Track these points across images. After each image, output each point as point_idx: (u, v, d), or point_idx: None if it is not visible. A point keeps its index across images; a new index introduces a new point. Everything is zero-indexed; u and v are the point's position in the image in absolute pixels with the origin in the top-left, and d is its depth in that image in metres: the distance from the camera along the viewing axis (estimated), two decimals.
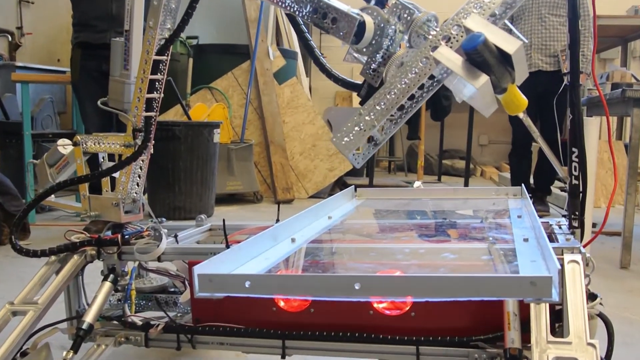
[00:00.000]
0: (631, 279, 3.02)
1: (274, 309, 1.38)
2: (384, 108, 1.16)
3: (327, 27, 1.21)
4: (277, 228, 1.41)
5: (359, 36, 1.19)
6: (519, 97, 1.16)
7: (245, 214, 4.99)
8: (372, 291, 0.95)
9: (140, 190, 1.73)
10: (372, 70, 1.25)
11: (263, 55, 6.05)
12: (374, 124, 1.15)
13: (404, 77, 1.14)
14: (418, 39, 1.19)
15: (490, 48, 1.08)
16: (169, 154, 4.55)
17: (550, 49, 4.64)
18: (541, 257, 1.14)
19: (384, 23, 1.20)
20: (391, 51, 1.22)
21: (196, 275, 1.01)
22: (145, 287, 1.85)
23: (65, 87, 6.80)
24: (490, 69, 1.09)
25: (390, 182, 7.07)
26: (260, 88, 5.96)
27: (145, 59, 1.61)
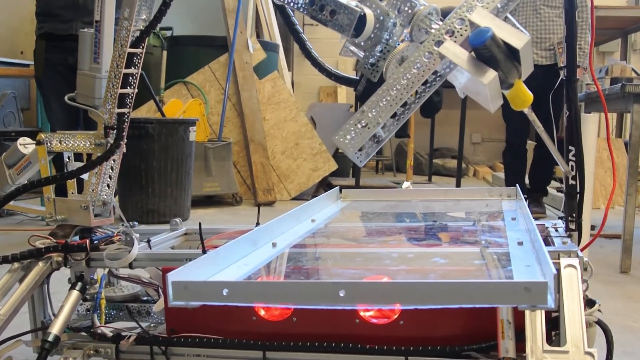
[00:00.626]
0: (632, 284, 3.05)
1: (253, 318, 1.37)
2: (387, 105, 1.17)
3: (324, 20, 1.23)
4: (257, 232, 1.41)
5: (359, 30, 1.20)
6: (525, 92, 1.19)
7: (224, 217, 4.98)
8: (358, 299, 0.95)
9: (111, 192, 1.72)
10: (371, 64, 1.26)
11: (242, 47, 6.04)
12: (378, 121, 1.17)
13: (407, 73, 1.16)
14: (420, 32, 1.21)
15: (498, 43, 1.10)
16: (142, 153, 4.53)
17: (546, 42, 4.69)
18: (536, 261, 1.15)
19: (383, 16, 1.21)
20: (390, 45, 1.23)
21: (170, 283, 1.00)
22: (116, 295, 1.83)
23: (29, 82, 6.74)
24: (498, 65, 1.12)
25: (377, 182, 7.09)
26: (239, 83, 5.95)
27: (119, 52, 1.60)
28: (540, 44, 4.69)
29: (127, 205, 4.57)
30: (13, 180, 1.87)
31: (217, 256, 1.21)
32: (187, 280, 1.02)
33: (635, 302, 2.73)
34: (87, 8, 3.88)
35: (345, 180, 6.64)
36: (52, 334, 1.47)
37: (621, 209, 3.48)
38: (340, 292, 0.93)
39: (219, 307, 1.00)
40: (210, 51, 6.05)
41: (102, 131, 1.66)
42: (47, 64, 3.99)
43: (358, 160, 1.21)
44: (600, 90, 1.71)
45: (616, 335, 1.32)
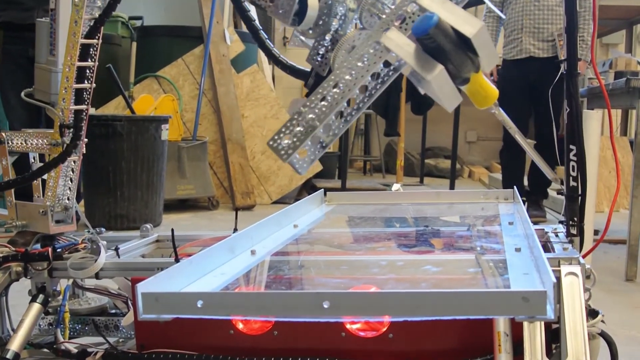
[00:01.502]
0: (637, 293, 3.08)
1: (231, 332, 1.37)
2: (329, 103, 1.08)
3: (264, 5, 1.19)
4: (235, 238, 1.40)
5: (301, 15, 1.17)
6: (486, 87, 1.13)
7: (199, 222, 4.97)
8: (344, 310, 0.95)
9: (72, 196, 1.71)
10: (320, 56, 1.23)
11: (218, 38, 6.03)
12: (316, 123, 1.08)
13: (351, 67, 1.08)
14: (371, 18, 1.16)
15: (446, 31, 1.03)
16: (109, 153, 4.50)
17: (544, 33, 4.72)
18: (535, 269, 1.15)
19: (331, 0, 1.19)
20: (341, 33, 1.20)
21: (140, 294, 1.00)
22: (81, 308, 1.83)
23: None
24: (447, 57, 1.05)
25: (365, 185, 7.11)
26: (215, 77, 5.94)
27: (72, 43, 1.58)
28: (538, 35, 4.73)
29: (93, 210, 4.55)
30: None
31: (191, 265, 1.20)
32: (159, 292, 1.02)
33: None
34: None
35: (331, 182, 6.65)
36: (11, 350, 1.46)
37: (626, 212, 3.51)
38: (325, 303, 0.93)
39: (193, 320, 1.00)
40: (184, 42, 6.04)
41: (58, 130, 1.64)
42: (6, 56, 3.97)
43: (298, 168, 1.12)
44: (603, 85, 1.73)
45: (621, 348, 1.34)
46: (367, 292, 1.02)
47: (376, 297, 0.96)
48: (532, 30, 4.72)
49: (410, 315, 0.93)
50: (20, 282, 1.61)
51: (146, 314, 1.00)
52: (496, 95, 1.16)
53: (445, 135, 7.91)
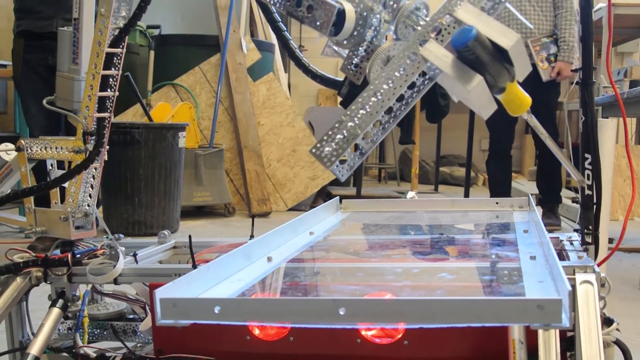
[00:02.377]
0: None
1: (247, 338, 1.37)
2: (369, 112, 1.12)
3: (301, 16, 1.20)
4: (251, 245, 1.41)
5: (338, 27, 1.18)
6: (521, 95, 1.16)
7: (215, 229, 4.98)
8: (359, 317, 0.95)
9: (93, 202, 1.73)
10: (354, 65, 1.24)
11: (235, 47, 6.05)
12: (357, 132, 1.12)
13: (390, 77, 1.12)
14: (406, 30, 1.18)
15: (484, 43, 1.07)
16: (128, 160, 4.53)
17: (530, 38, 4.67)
18: (550, 277, 1.15)
19: (367, 12, 1.19)
20: (375, 44, 1.21)
21: (158, 300, 1.00)
22: (100, 313, 1.83)
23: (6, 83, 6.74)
24: (485, 68, 1.08)
25: (380, 192, 7.10)
26: (231, 85, 5.96)
27: (97, 52, 1.60)
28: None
29: (112, 217, 4.57)
30: None
31: (208, 271, 1.21)
32: (176, 297, 1.02)
33: None
34: (68, 4, 3.88)
35: (346, 189, 6.64)
36: (32, 354, 1.47)
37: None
38: (340, 309, 0.94)
39: (210, 326, 1.00)
40: (200, 51, 6.07)
41: (81, 137, 1.66)
42: (26, 64, 4.00)
43: (340, 174, 1.16)
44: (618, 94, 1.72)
45: (636, 356, 1.33)
46: (382, 299, 1.02)
47: (391, 304, 0.96)
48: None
49: (426, 322, 0.92)
50: (40, 287, 1.62)
51: (164, 320, 1.00)
52: (529, 103, 1.18)
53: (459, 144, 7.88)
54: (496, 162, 4.93)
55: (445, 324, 0.91)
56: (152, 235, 1.89)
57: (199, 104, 5.92)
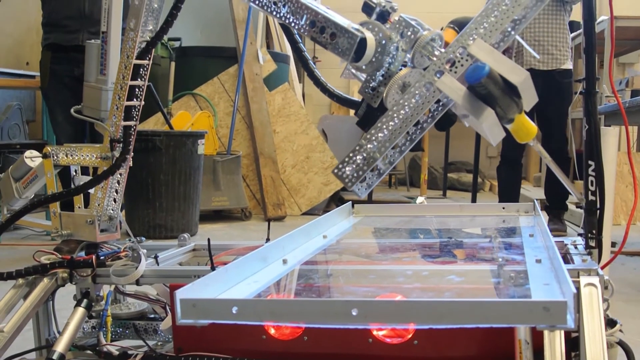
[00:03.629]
0: None
1: (263, 337, 1.37)
2: (387, 136, 1.17)
3: (325, 42, 1.23)
4: (267, 248, 1.41)
5: (359, 54, 1.20)
6: (527, 125, 1.18)
7: (233, 232, 4.98)
8: (371, 317, 0.95)
9: (117, 206, 1.73)
10: (372, 89, 1.26)
11: (252, 58, 6.07)
12: (377, 155, 1.17)
13: (407, 104, 1.16)
14: (422, 59, 1.20)
15: (495, 79, 1.10)
16: (149, 166, 4.54)
17: (544, 45, 4.61)
18: (555, 280, 1.14)
19: (385, 40, 1.21)
20: (392, 70, 1.23)
21: (178, 300, 1.01)
22: (122, 313, 1.84)
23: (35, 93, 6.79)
24: (496, 101, 1.12)
25: (390, 197, 7.09)
26: (248, 95, 5.97)
27: (125, 64, 1.62)
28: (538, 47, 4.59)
29: (133, 220, 4.59)
30: (20, 193, 1.89)
31: (226, 273, 1.21)
32: (196, 298, 1.03)
33: None
34: (93, 18, 3.92)
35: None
36: (57, 352, 1.48)
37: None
38: (353, 310, 0.93)
39: (228, 325, 1.01)
40: (219, 62, 6.08)
41: (108, 144, 1.67)
42: (53, 75, 4.02)
43: (359, 192, 1.20)
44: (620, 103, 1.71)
45: (638, 357, 1.32)
46: (393, 301, 1.01)
47: (402, 305, 0.96)
48: (532, 43, 4.64)
49: (435, 323, 0.92)
50: (66, 287, 1.63)
51: (184, 319, 1.01)
52: (535, 131, 1.20)
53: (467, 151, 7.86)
54: (507, 170, 4.89)
55: (453, 324, 0.91)
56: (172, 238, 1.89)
57: (217, 112, 5.93)
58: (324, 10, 1.25)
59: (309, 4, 1.24)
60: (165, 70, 6.31)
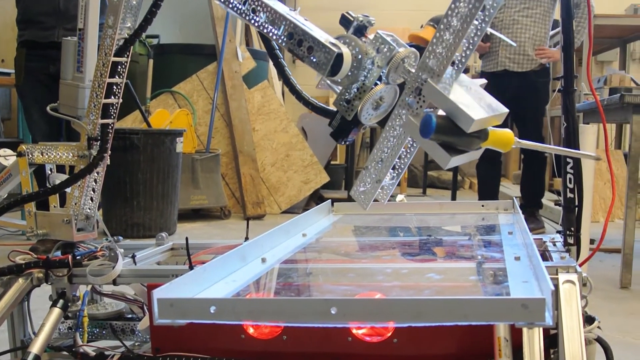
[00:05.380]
0: (632, 300, 3.06)
1: (242, 337, 1.37)
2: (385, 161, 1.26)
3: (302, 55, 1.25)
4: (246, 247, 1.40)
5: (336, 68, 1.22)
6: (502, 136, 1.18)
7: (212, 231, 4.97)
8: (350, 316, 0.95)
9: (94, 205, 1.72)
10: (346, 101, 1.28)
11: (231, 56, 6.05)
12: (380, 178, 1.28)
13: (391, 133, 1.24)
14: (396, 75, 1.22)
15: (446, 128, 1.12)
16: (127, 165, 4.52)
17: (520, 47, 4.64)
18: (534, 277, 1.15)
19: (361, 55, 1.23)
20: (367, 85, 1.25)
21: (156, 300, 1.00)
22: (99, 313, 1.83)
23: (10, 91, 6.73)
24: (454, 146, 1.15)
25: None
26: (227, 92, 5.96)
27: (103, 61, 1.61)
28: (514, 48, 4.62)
29: (111, 219, 4.56)
30: None
31: (205, 272, 1.20)
32: (173, 298, 1.02)
33: (636, 318, 2.73)
34: (69, 14, 3.89)
35: (338, 192, 6.64)
36: (32, 353, 1.46)
37: (621, 222, 3.50)
38: (332, 309, 0.93)
39: (206, 325, 1.00)
40: (198, 60, 6.06)
41: (85, 143, 1.66)
42: (28, 73, 3.98)
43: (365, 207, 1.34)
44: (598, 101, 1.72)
45: (617, 353, 1.33)
46: (372, 299, 1.02)
47: (381, 303, 0.96)
48: (508, 44, 4.66)
49: (414, 321, 0.92)
50: (42, 287, 1.62)
51: (161, 319, 1.00)
52: (512, 137, 1.19)
53: None
54: (486, 167, 4.92)
55: (433, 322, 0.91)
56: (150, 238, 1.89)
57: (196, 110, 5.91)
58: (302, 22, 1.26)
59: (287, 15, 1.26)
60: (143, 67, 6.27)
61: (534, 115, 4.69)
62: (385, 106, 1.26)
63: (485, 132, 1.14)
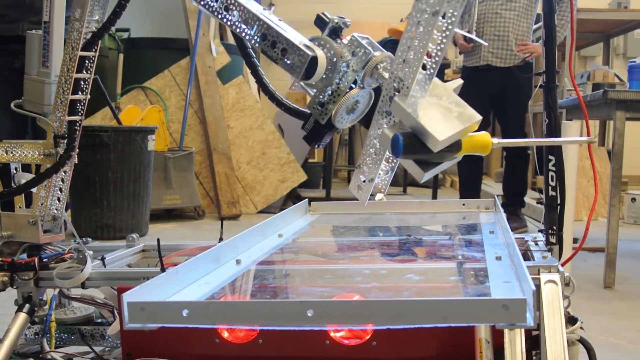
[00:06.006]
0: (616, 300, 3.10)
1: (216, 341, 1.37)
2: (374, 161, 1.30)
3: (275, 57, 1.25)
4: (220, 248, 1.40)
5: (310, 72, 1.23)
6: (477, 141, 1.19)
7: (185, 232, 4.95)
8: (328, 318, 0.95)
9: (61, 206, 1.71)
10: (320, 104, 1.28)
11: (205, 50, 6.03)
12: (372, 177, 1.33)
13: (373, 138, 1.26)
14: (371, 79, 1.24)
15: (415, 147, 1.14)
16: (96, 163, 4.49)
17: (504, 41, 4.67)
18: (515, 277, 1.16)
19: (336, 58, 1.24)
20: (341, 88, 1.26)
21: (126, 304, 1.00)
22: (67, 318, 1.82)
23: None
24: (427, 162, 1.18)
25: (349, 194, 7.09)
26: (201, 88, 5.93)
27: (70, 56, 1.59)
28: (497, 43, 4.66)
29: (80, 220, 4.53)
30: None
31: (177, 274, 1.20)
32: (144, 301, 1.01)
33: (620, 318, 2.77)
34: (34, 7, 3.84)
35: (315, 192, 6.65)
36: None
37: (605, 220, 3.54)
38: (309, 311, 0.94)
39: (178, 329, 1.00)
40: (170, 54, 6.03)
41: (51, 140, 1.65)
42: None
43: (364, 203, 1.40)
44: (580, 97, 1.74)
45: (600, 354, 1.35)
46: (350, 301, 1.02)
47: (359, 305, 0.96)
48: (491, 38, 4.69)
49: (393, 323, 0.93)
50: (7, 292, 1.60)
51: (132, 323, 1.00)
52: (488, 140, 1.20)
53: None
54: (467, 165, 4.93)
55: (412, 324, 0.92)
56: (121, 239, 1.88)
57: (169, 107, 5.88)
58: (276, 22, 1.26)
59: (260, 14, 1.26)
60: (113, 62, 6.23)
61: (517, 111, 4.73)
62: (359, 110, 1.27)
63: (458, 144, 1.16)
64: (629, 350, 2.35)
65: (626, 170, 3.74)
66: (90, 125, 4.68)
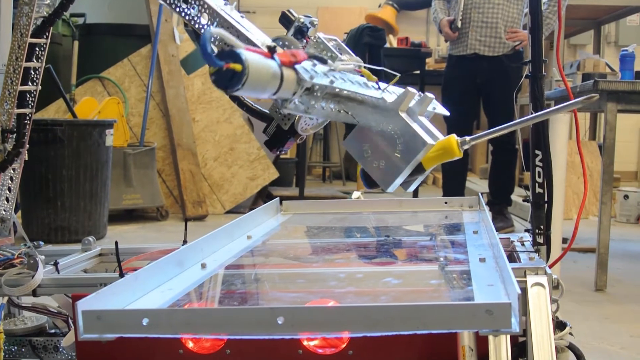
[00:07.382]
0: (608, 303, 3.13)
1: (180, 352, 1.36)
2: None
3: None
4: (184, 251, 1.40)
5: None
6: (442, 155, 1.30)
7: (147, 234, 4.93)
8: (300, 326, 0.95)
9: (10, 207, 1.69)
10: None
11: (167, 38, 6.00)
12: None
13: None
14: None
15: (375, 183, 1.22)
16: (49, 160, 4.45)
17: (492, 29, 4.71)
18: (500, 280, 1.17)
19: None
20: None
21: (80, 312, 0.99)
22: (17, 328, 1.80)
23: None
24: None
25: (324, 192, 7.13)
26: (164, 78, 5.91)
27: (19, 43, 1.59)
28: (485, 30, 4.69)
29: (31, 222, 4.49)
30: None
31: (137, 280, 1.19)
32: (101, 309, 1.01)
33: (612, 322, 2.80)
34: None
35: (288, 190, 6.65)
36: None
37: (596, 219, 3.57)
38: (279, 319, 0.94)
39: (139, 339, 0.99)
40: (129, 42, 6.00)
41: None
42: None
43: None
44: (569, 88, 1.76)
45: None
46: (324, 307, 1.02)
47: (334, 311, 0.97)
48: (479, 25, 4.72)
49: (370, 330, 0.93)
50: None
51: (87, 334, 0.99)
52: (453, 142, 1.30)
53: None
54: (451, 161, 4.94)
55: (390, 331, 0.92)
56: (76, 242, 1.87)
57: (128, 99, 5.85)
58: (237, 20, 1.25)
59: (221, 10, 1.26)
60: (67, 50, 6.18)
61: (505, 102, 4.74)
62: None
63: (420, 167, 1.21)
64: (621, 356, 2.38)
65: (618, 166, 3.79)
66: (42, 119, 4.64)
